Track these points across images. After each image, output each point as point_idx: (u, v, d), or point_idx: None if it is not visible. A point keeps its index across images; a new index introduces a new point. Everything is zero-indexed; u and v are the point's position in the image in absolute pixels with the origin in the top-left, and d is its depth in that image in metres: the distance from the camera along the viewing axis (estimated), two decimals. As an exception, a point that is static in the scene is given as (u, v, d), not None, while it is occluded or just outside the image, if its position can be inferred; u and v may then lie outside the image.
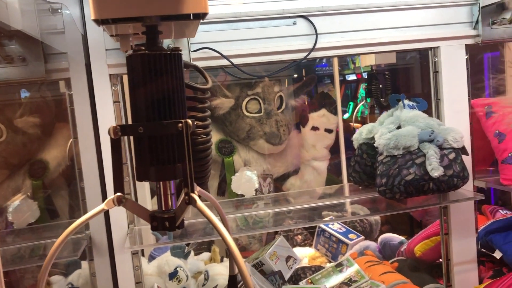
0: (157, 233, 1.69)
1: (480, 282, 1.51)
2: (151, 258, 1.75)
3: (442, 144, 1.32)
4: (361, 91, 3.37)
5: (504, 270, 1.51)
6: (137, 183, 1.54)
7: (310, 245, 2.13)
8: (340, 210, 1.66)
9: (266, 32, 1.37)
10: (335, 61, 2.27)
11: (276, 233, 2.17)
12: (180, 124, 0.64)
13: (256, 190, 1.80)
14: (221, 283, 1.59)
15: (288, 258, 1.68)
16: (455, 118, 1.47)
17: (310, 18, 1.38)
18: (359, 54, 2.11)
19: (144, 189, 2.01)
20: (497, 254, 1.50)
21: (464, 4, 1.46)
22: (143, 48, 0.65)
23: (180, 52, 0.66)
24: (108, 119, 1.29)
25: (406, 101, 1.47)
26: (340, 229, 2.07)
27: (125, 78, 1.39)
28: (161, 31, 0.68)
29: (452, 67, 1.47)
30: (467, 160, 1.41)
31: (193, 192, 0.64)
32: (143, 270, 1.47)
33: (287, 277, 1.62)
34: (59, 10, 1.24)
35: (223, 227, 0.61)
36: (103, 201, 1.31)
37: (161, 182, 0.68)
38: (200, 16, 0.66)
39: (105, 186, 1.30)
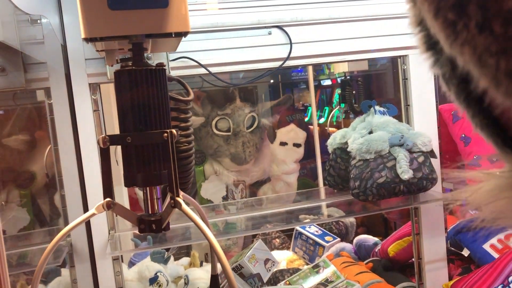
0: (136, 239, 1.71)
1: (450, 279, 1.58)
2: (131, 264, 1.77)
3: (412, 148, 1.39)
4: (336, 96, 3.44)
5: (472, 267, 1.58)
6: (115, 191, 1.57)
7: (288, 248, 2.17)
8: (317, 213, 1.71)
9: (242, 42, 1.42)
10: (310, 69, 2.33)
11: (254, 236, 2.22)
12: (166, 134, 0.68)
13: (224, 197, 1.85)
14: (201, 287, 1.62)
15: (266, 261, 1.72)
16: (423, 123, 1.54)
17: (285, 28, 1.43)
18: (332, 63, 2.17)
19: (122, 197, 2.03)
20: (465, 252, 1.57)
21: (431, 15, 1.53)
22: (130, 63, 0.69)
23: (164, 68, 0.70)
24: (88, 127, 1.31)
25: (377, 107, 1.53)
26: (316, 231, 2.13)
27: (103, 87, 1.42)
28: (146, 47, 0.72)
29: (420, 74, 1.54)
30: (436, 163, 1.48)
31: (178, 196, 0.68)
32: (124, 275, 1.49)
33: (265, 279, 1.66)
34: (39, 21, 1.26)
35: (207, 228, 0.65)
36: (84, 208, 1.33)
37: (147, 188, 0.72)
38: (182, 34, 0.70)
39: (85, 193, 1.32)
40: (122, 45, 0.74)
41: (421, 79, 1.54)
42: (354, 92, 2.34)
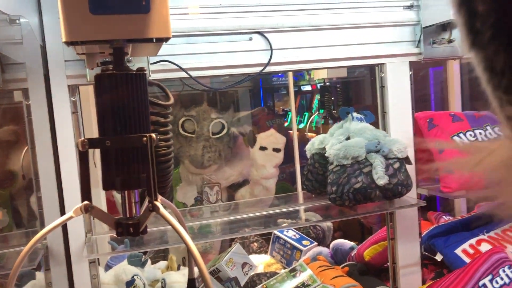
0: (113, 242, 1.70)
1: (423, 283, 1.61)
2: (108, 267, 1.76)
3: (388, 154, 1.42)
4: (316, 102, 3.48)
5: (444, 271, 1.62)
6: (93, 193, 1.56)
7: (266, 252, 2.19)
8: (295, 217, 1.73)
9: (223, 47, 1.43)
10: (290, 75, 2.35)
11: (232, 240, 2.22)
12: (145, 138, 0.68)
13: (197, 199, 1.86)
14: (178, 290, 1.61)
15: (244, 265, 1.73)
16: (399, 130, 1.57)
17: (266, 34, 1.45)
18: (311, 69, 2.20)
19: (100, 199, 2.01)
20: (439, 257, 1.61)
21: (408, 25, 1.57)
22: (111, 67, 0.69)
23: (144, 73, 0.71)
24: (66, 129, 1.30)
25: (354, 114, 1.56)
26: (294, 236, 2.14)
27: (82, 89, 1.41)
28: (127, 52, 0.72)
29: (397, 82, 1.57)
30: (411, 169, 1.52)
31: (156, 200, 0.68)
32: (100, 279, 1.48)
33: (242, 283, 1.67)
34: (17, 21, 1.25)
35: (185, 232, 0.65)
36: (60, 210, 1.32)
37: (126, 191, 0.72)
38: (163, 40, 0.71)
39: (62, 196, 1.31)
40: (103, 49, 0.74)
41: (398, 87, 1.57)
42: (333, 98, 2.38)
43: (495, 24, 0.34)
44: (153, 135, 0.68)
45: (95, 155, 1.51)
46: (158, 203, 0.68)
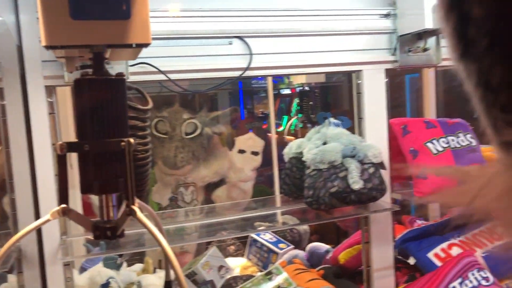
0: (88, 244, 1.68)
1: (397, 286, 1.64)
2: (82, 269, 1.74)
3: (363, 159, 1.45)
4: (295, 106, 3.52)
5: (417, 275, 1.65)
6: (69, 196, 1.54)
7: (243, 255, 2.19)
8: (272, 221, 1.74)
9: (203, 50, 1.43)
10: (269, 79, 2.37)
11: (208, 243, 2.22)
12: (123, 143, 0.69)
13: (171, 199, 1.86)
14: (154, 293, 1.61)
15: (220, 268, 1.73)
16: (375, 136, 1.60)
17: (245, 39, 1.46)
18: (290, 75, 2.23)
19: (76, 201, 1.99)
20: (412, 261, 1.64)
21: (385, 33, 1.60)
22: (91, 72, 0.69)
23: (124, 78, 0.71)
24: (42, 130, 1.29)
25: (331, 119, 1.58)
26: (271, 239, 2.16)
27: (59, 90, 1.39)
28: (107, 57, 0.73)
29: (373, 89, 1.60)
30: (385, 174, 1.55)
31: (133, 204, 0.69)
32: (74, 282, 1.46)
33: (219, 286, 1.67)
34: (-6, 20, 1.23)
35: (161, 236, 0.66)
36: (35, 213, 1.30)
37: (103, 195, 0.72)
38: (143, 46, 0.72)
39: (37, 197, 1.29)
40: (83, 52, 0.74)
41: (374, 94, 1.61)
42: (311, 103, 2.41)
43: (492, 31, 0.29)
44: (131, 139, 0.68)
45: (71, 156, 1.50)
46: (135, 208, 0.68)
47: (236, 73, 1.46)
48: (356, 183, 1.38)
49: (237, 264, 2.03)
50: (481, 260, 1.49)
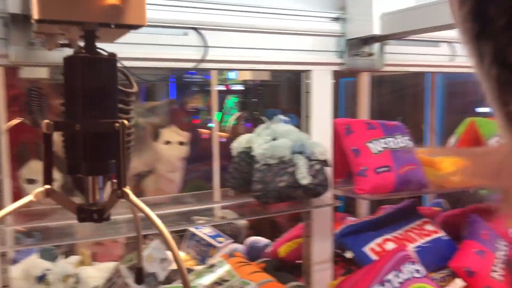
0: (20, 235, 1.59)
1: (334, 278, 1.72)
2: (14, 261, 1.64)
3: (310, 156, 1.50)
4: (229, 102, 3.55)
5: (353, 268, 1.74)
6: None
7: (180, 249, 2.18)
8: (211, 215, 1.75)
9: (158, 39, 1.41)
10: (214, 74, 2.37)
11: (145, 237, 2.19)
12: (118, 124, 0.67)
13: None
14: (93, 285, 1.56)
15: (162, 260, 1.72)
16: (320, 134, 1.66)
17: (201, 31, 1.46)
18: (242, 70, 2.24)
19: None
20: (349, 255, 1.73)
21: (334, 35, 1.67)
22: (83, 51, 0.67)
23: (116, 58, 0.69)
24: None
25: (281, 116, 1.62)
26: (210, 233, 2.17)
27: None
28: (98, 36, 0.70)
29: (320, 89, 1.66)
30: (328, 171, 1.61)
31: (125, 187, 0.67)
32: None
33: (161, 278, 1.66)
34: None
35: (158, 219, 0.65)
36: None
37: (90, 177, 0.70)
38: (137, 27, 0.70)
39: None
40: (64, 30, 0.71)
41: (321, 94, 1.67)
42: (255, 100, 2.44)
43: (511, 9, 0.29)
44: (126, 121, 0.67)
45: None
46: (127, 190, 0.67)
47: (191, 65, 1.46)
48: (305, 178, 1.42)
49: (176, 257, 2.01)
50: (413, 254, 1.60)
